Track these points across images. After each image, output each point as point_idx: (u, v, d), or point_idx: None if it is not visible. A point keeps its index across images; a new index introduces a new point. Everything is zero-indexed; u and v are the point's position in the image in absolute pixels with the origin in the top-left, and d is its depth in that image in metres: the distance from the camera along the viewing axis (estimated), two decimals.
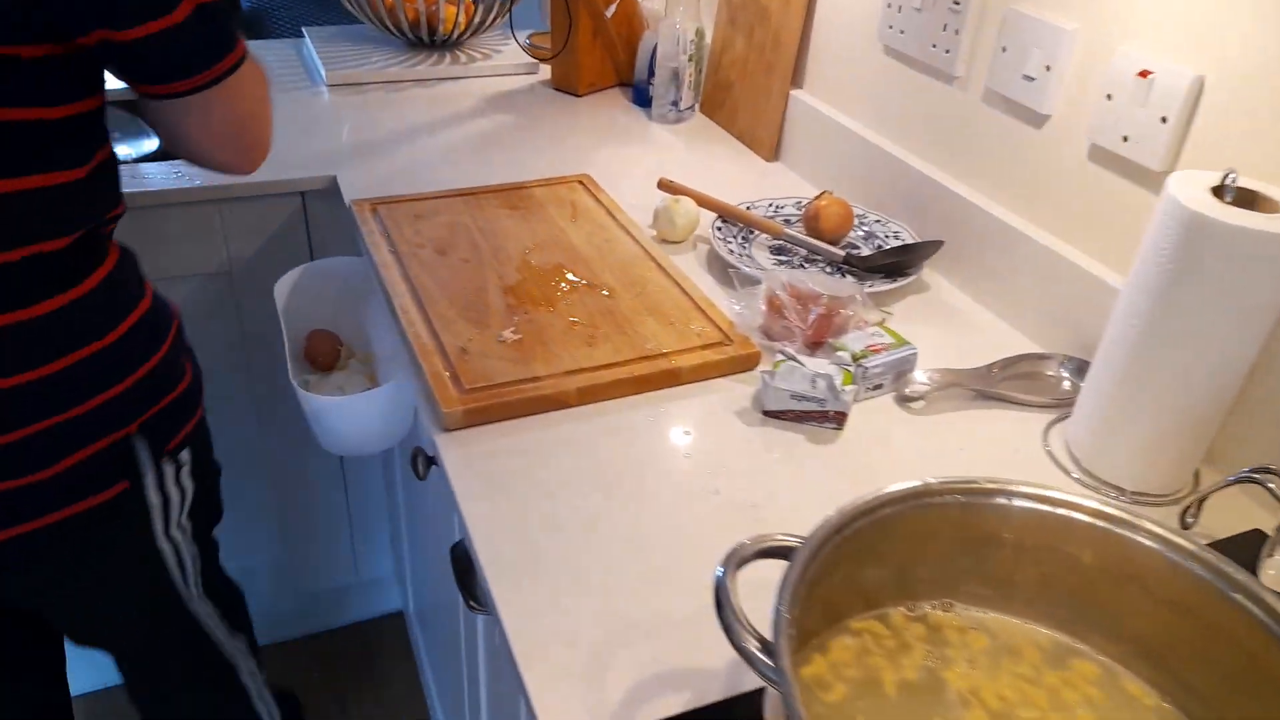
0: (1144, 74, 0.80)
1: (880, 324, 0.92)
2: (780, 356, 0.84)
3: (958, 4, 0.99)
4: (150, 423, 0.83)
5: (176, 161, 1.21)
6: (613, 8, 1.44)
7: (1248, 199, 0.68)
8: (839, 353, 0.85)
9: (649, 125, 1.46)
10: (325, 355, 1.06)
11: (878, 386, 0.87)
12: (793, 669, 0.42)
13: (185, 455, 0.89)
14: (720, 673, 0.60)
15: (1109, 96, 0.84)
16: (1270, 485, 0.66)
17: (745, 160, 1.36)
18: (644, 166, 1.31)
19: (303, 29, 1.68)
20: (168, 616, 0.96)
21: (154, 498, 0.86)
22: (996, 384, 0.89)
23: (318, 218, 1.25)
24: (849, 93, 1.22)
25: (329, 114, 1.41)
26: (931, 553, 0.56)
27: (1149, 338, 0.71)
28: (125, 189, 0.81)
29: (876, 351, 0.86)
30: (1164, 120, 0.79)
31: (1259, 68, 0.73)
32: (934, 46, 1.04)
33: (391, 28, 1.59)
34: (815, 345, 0.89)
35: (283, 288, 1.05)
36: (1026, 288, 0.96)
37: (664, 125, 1.46)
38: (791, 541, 0.49)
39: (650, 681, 0.59)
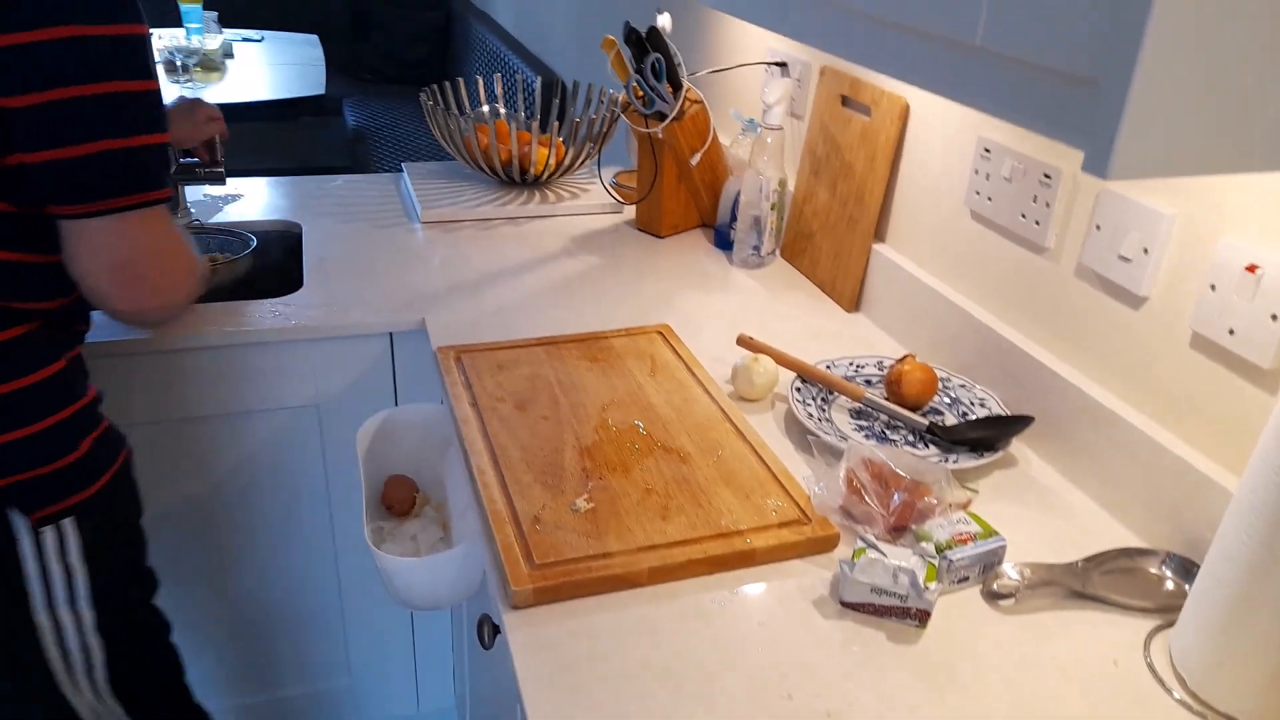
0: (1251, 269, 0.77)
1: (966, 506, 0.89)
2: (860, 544, 0.81)
3: (1048, 177, 0.98)
4: (22, 485, 0.88)
5: (274, 300, 1.26)
6: (697, 156, 1.47)
7: None
8: (923, 543, 0.82)
9: (730, 269, 1.47)
10: (401, 502, 1.07)
11: (963, 579, 0.83)
12: None
13: (70, 530, 0.91)
14: None
15: (1212, 287, 0.81)
16: None
17: (825, 309, 1.35)
18: (724, 313, 1.31)
19: (402, 165, 1.76)
20: (40, 698, 0.97)
21: (31, 566, 0.90)
22: (1092, 581, 0.83)
23: (405, 357, 1.29)
24: (934, 252, 1.21)
25: (422, 252, 1.46)
26: None
27: (1269, 558, 0.66)
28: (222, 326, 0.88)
29: (963, 542, 0.82)
30: (1275, 318, 0.76)
31: None
32: (1023, 217, 1.03)
33: (485, 167, 1.66)
34: (897, 530, 0.85)
35: (364, 435, 1.07)
36: (1124, 472, 0.92)
37: (745, 270, 1.47)
38: None
39: None
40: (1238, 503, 0.69)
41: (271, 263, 1.57)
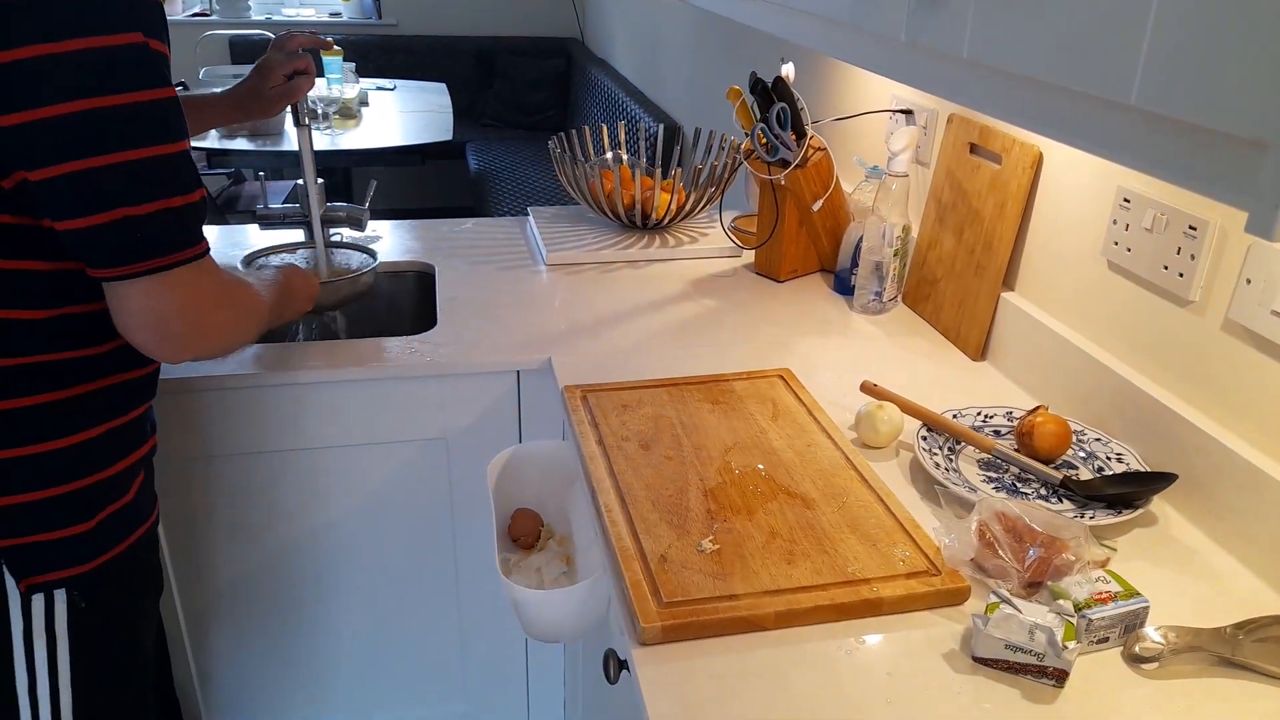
0: None
1: (1104, 565, 0.86)
2: (993, 598, 0.79)
3: (1194, 229, 0.95)
4: (17, 549, 0.88)
5: (411, 337, 1.33)
6: (820, 202, 1.49)
7: None
8: (1060, 600, 0.80)
9: (850, 315, 1.47)
10: (527, 535, 1.11)
11: (1103, 640, 0.80)
12: None
13: (60, 601, 0.91)
14: None
15: None
16: None
17: (949, 357, 1.33)
18: (845, 359, 1.31)
19: (528, 209, 1.84)
20: None
21: (16, 618, 0.89)
22: (1243, 649, 0.79)
23: (530, 394, 1.33)
24: (1067, 302, 1.18)
25: (547, 292, 1.51)
26: None
27: None
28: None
29: (1103, 601, 0.80)
30: None
31: None
32: (1165, 269, 1.00)
33: (608, 212, 1.71)
34: (1032, 586, 0.83)
35: (493, 469, 1.11)
36: (1274, 535, 0.87)
37: (866, 315, 1.46)
38: None
39: None
40: None
41: (409, 301, 1.66)
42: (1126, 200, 1.05)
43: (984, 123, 1.31)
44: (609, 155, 1.85)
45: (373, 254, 1.47)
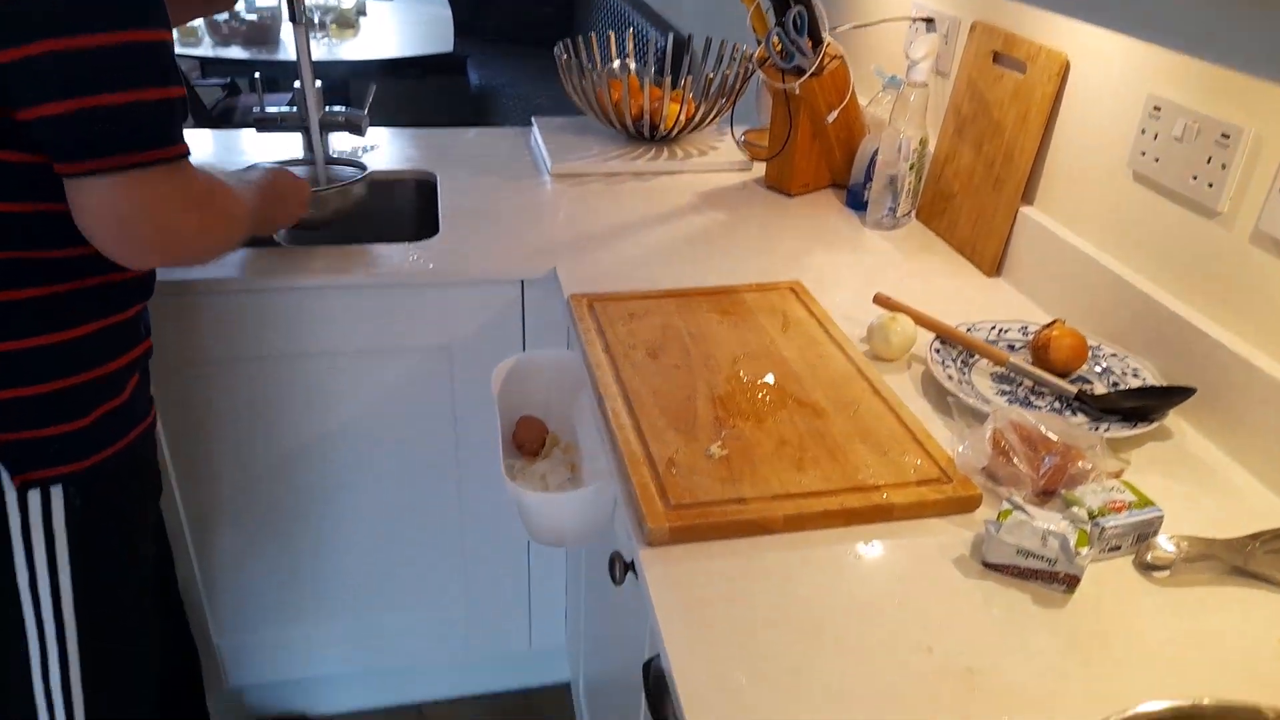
0: None
1: (1118, 476, 0.85)
2: (1007, 504, 0.78)
3: (1226, 137, 0.92)
4: (14, 444, 0.86)
5: (412, 244, 1.30)
6: (835, 113, 1.44)
7: None
8: (1073, 508, 0.79)
9: (863, 230, 1.43)
10: (532, 442, 1.10)
11: (1115, 548, 0.79)
12: None
13: (57, 498, 0.90)
14: None
15: None
16: None
17: (964, 273, 1.31)
18: (858, 274, 1.28)
19: (532, 118, 1.78)
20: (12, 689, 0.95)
21: (14, 514, 0.88)
22: (1256, 559, 0.79)
23: (534, 304, 1.31)
24: (1088, 215, 1.15)
25: (552, 203, 1.48)
26: None
27: None
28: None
29: (1116, 510, 0.79)
30: None
31: None
32: (1194, 179, 0.96)
33: (615, 122, 1.66)
34: (1046, 494, 0.83)
35: (498, 375, 1.10)
36: None
37: (879, 231, 1.43)
38: None
39: None
40: None
41: (409, 209, 1.62)
42: (1157, 109, 1.01)
43: (1009, 30, 1.26)
44: (616, 64, 1.79)
45: (362, 166, 1.43)
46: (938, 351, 1.05)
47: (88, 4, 0.73)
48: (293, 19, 1.33)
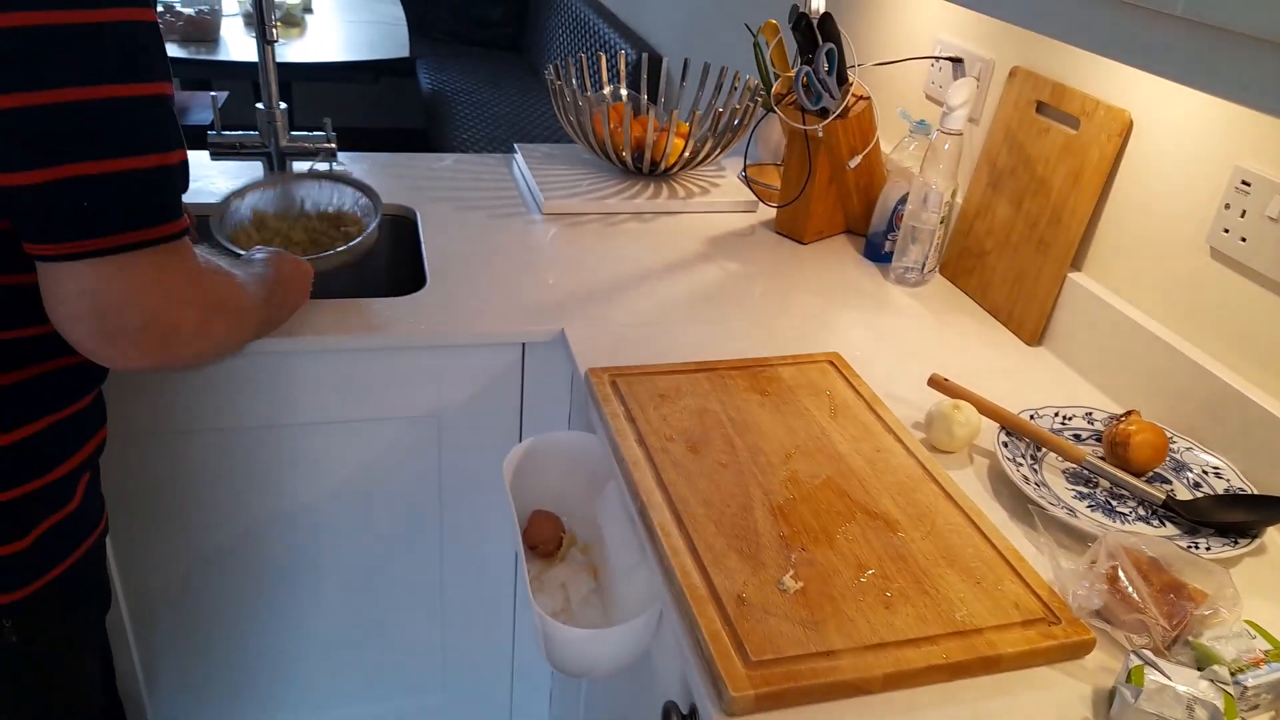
0: None
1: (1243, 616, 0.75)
2: (1135, 659, 0.68)
3: None
4: None
5: (398, 299, 1.15)
6: (858, 159, 1.33)
7: None
8: (1213, 666, 0.69)
9: (884, 284, 1.33)
10: (547, 543, 0.96)
11: (1254, 707, 0.70)
12: None
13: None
14: None
15: None
16: None
17: (1001, 339, 1.21)
18: (895, 342, 1.17)
19: (515, 145, 1.64)
20: None
21: None
22: None
23: (533, 368, 1.17)
24: (1152, 289, 1.06)
25: (546, 248, 1.33)
26: None
27: None
28: None
29: (1256, 664, 0.69)
30: None
31: None
32: None
33: (611, 156, 1.52)
34: (1170, 641, 0.73)
35: (510, 462, 0.95)
36: None
37: (902, 286, 1.33)
38: None
39: None
40: None
41: (386, 250, 1.45)
42: (1245, 183, 0.93)
43: (1056, 79, 1.17)
44: (606, 90, 1.65)
45: (373, 196, 1.24)
46: (1006, 445, 0.94)
47: (67, 49, 0.57)
48: (261, 37, 1.16)
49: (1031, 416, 1.00)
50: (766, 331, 1.17)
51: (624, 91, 1.64)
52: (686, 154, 1.49)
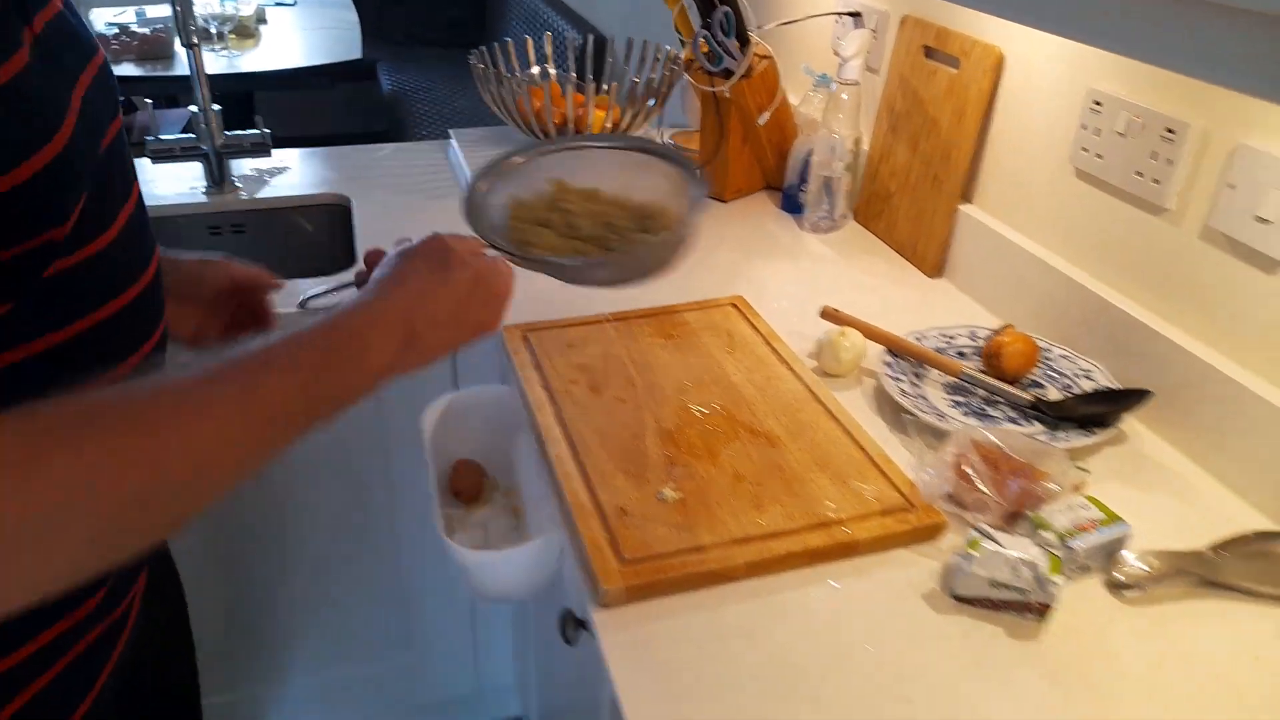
0: None
1: (1079, 489, 0.82)
2: (974, 534, 0.75)
3: (1171, 132, 0.90)
4: None
5: (327, 278, 1.22)
6: (766, 115, 1.40)
7: None
8: (1042, 531, 0.76)
9: (800, 234, 1.40)
10: (470, 489, 1.03)
11: (1084, 568, 0.76)
12: None
13: None
14: None
15: None
16: None
17: (906, 275, 1.27)
18: (799, 282, 1.24)
19: (450, 131, 1.70)
20: None
21: None
22: (1226, 569, 0.77)
23: None
24: (1030, 213, 1.13)
25: None
26: None
27: None
28: None
29: (1085, 530, 0.76)
30: None
31: None
32: (1139, 175, 0.94)
33: (537, 131, 1.59)
34: (1012, 517, 0.79)
35: (429, 420, 1.02)
36: (1254, 451, 0.84)
37: (816, 234, 1.39)
38: None
39: None
40: None
41: (324, 236, 1.53)
42: (1098, 103, 0.99)
43: (940, 24, 1.23)
44: (536, 70, 1.71)
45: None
46: (889, 365, 1.01)
47: None
48: (185, 43, 1.23)
49: (918, 339, 1.06)
50: (680, 284, 1.23)
51: (552, 70, 1.70)
52: (609, 125, 1.56)
